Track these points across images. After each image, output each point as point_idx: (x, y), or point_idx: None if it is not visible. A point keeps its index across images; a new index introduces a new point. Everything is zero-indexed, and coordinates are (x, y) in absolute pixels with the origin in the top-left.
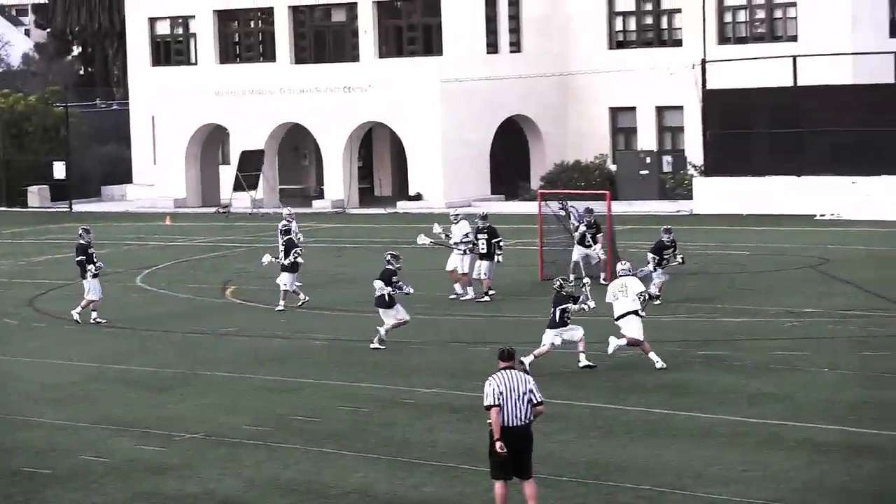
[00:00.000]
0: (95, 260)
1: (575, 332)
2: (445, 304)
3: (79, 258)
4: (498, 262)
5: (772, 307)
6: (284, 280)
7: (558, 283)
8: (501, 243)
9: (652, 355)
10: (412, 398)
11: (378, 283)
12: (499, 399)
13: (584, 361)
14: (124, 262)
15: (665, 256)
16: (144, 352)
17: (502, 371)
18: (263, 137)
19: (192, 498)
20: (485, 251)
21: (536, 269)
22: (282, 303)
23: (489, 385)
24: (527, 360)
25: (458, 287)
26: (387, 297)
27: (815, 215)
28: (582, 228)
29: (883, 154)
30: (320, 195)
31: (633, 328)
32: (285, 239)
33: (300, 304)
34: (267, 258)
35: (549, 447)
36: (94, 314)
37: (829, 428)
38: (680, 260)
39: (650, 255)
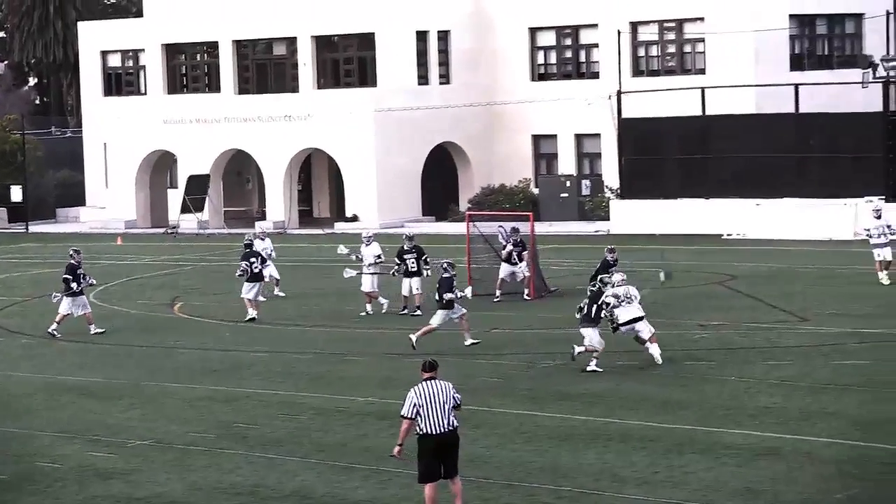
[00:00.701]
0: (87, 277)
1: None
2: (379, 319)
3: (66, 276)
4: (427, 275)
5: (683, 320)
6: (246, 290)
7: (598, 285)
8: (428, 259)
9: (654, 349)
10: (348, 406)
11: (446, 293)
12: (415, 411)
13: (592, 367)
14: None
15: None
16: (97, 364)
17: (424, 382)
18: (209, 163)
19: (140, 501)
20: (414, 269)
21: (466, 285)
22: (251, 311)
23: (409, 397)
24: (592, 366)
25: (369, 307)
26: (445, 300)
27: (722, 235)
28: (509, 247)
29: (784, 178)
30: (262, 217)
31: (646, 329)
32: (246, 252)
33: (248, 318)
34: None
35: (475, 451)
36: (91, 327)
37: (734, 432)
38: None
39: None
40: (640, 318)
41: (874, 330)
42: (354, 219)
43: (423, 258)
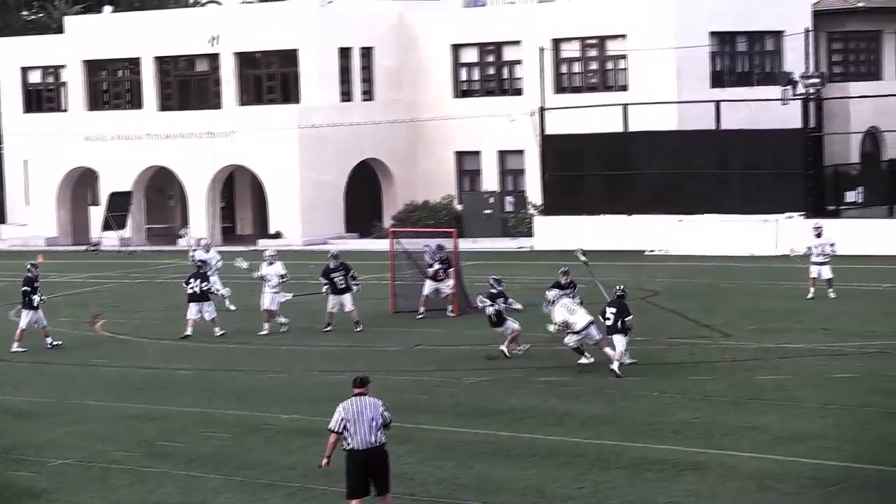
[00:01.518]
0: (40, 293)
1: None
2: (303, 335)
3: (24, 288)
4: (357, 290)
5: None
6: (197, 310)
7: (618, 290)
8: (355, 275)
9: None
10: (272, 424)
11: (487, 304)
12: (342, 426)
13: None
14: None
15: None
16: (20, 382)
17: (354, 397)
18: (131, 180)
19: None
20: (343, 286)
21: (388, 303)
22: (217, 330)
23: (337, 412)
24: (615, 366)
25: (267, 325)
26: (494, 315)
27: (645, 251)
28: (436, 266)
29: (705, 193)
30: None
31: (597, 334)
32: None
33: (183, 335)
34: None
35: (400, 468)
36: (48, 340)
37: (658, 447)
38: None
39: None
40: (592, 322)
41: (796, 345)
42: (278, 235)
43: (351, 274)
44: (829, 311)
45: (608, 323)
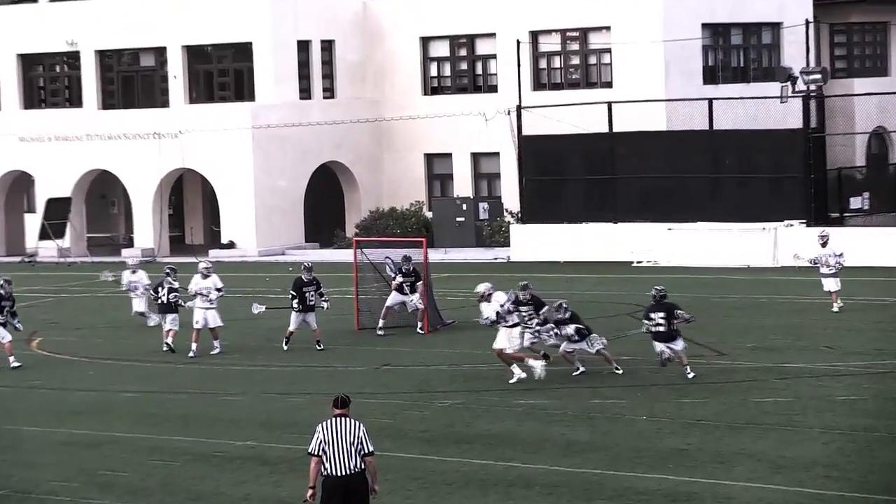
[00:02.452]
0: (12, 309)
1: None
2: (257, 354)
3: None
4: (325, 308)
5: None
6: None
7: (659, 290)
8: (323, 292)
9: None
10: (224, 451)
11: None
12: (321, 448)
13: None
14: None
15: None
16: None
17: (333, 419)
18: (70, 185)
19: None
20: (312, 303)
21: (353, 318)
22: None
23: (316, 433)
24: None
25: (216, 343)
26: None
27: (632, 262)
28: (399, 279)
29: (697, 200)
30: (129, 243)
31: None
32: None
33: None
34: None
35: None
36: (11, 358)
37: (646, 476)
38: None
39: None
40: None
41: (795, 364)
42: (231, 245)
43: (320, 290)
44: (833, 327)
45: (660, 329)
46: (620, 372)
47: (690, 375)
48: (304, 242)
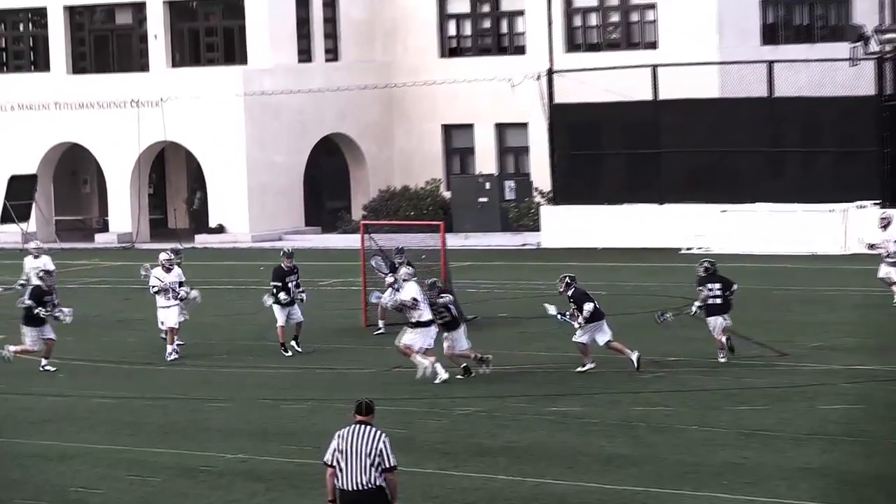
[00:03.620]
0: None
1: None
2: (248, 356)
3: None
4: (302, 301)
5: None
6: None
7: (711, 262)
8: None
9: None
10: (212, 465)
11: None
12: (335, 458)
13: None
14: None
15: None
16: None
17: (353, 426)
18: (36, 160)
19: None
20: (299, 293)
21: (359, 314)
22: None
23: (333, 440)
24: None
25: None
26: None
27: (681, 249)
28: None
29: (755, 178)
30: (104, 228)
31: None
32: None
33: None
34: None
35: None
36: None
37: (698, 494)
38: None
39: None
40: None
41: (868, 367)
42: (220, 230)
43: (298, 280)
44: None
45: (718, 302)
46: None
47: (723, 360)
48: (303, 226)
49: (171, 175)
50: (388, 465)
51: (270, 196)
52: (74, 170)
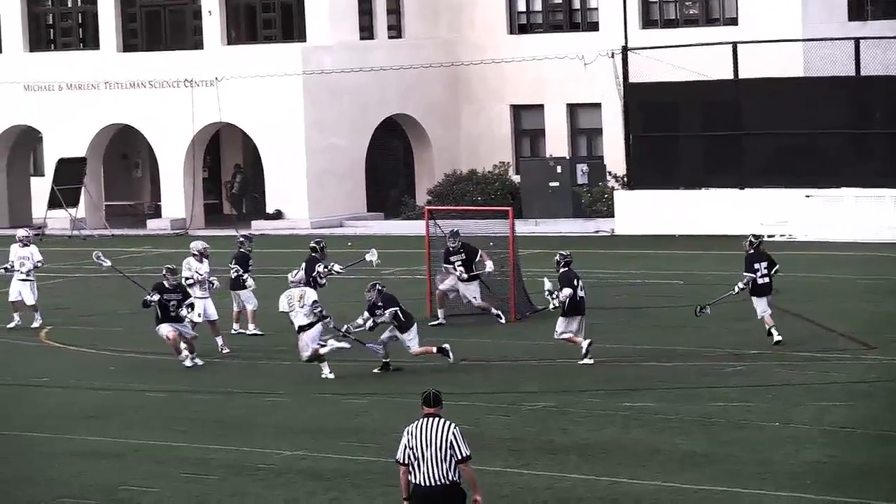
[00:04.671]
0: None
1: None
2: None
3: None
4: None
5: (711, 348)
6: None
7: (757, 237)
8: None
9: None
10: (270, 463)
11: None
12: (407, 456)
13: None
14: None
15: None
16: None
17: (423, 419)
18: (85, 143)
19: None
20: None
21: (424, 303)
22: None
23: (403, 437)
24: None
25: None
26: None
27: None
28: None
29: (842, 161)
30: (156, 213)
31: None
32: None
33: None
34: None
35: None
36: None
37: (780, 495)
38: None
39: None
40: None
41: None
42: (278, 215)
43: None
44: None
45: (765, 281)
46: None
47: (779, 338)
48: (365, 212)
49: (227, 158)
50: (461, 457)
51: (330, 180)
52: (125, 153)
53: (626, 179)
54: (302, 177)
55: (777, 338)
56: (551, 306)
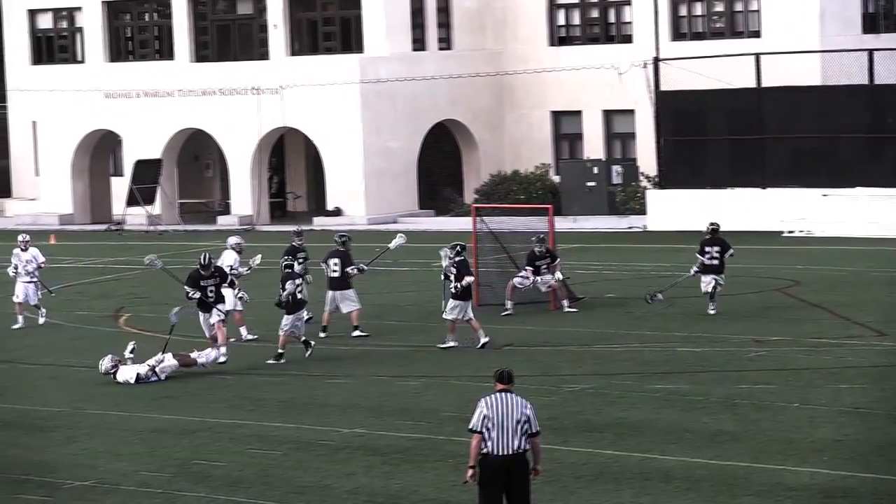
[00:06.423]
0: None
1: None
2: (365, 333)
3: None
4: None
5: (735, 335)
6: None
7: (714, 225)
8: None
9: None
10: (330, 439)
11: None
12: (484, 424)
13: None
14: (2, 286)
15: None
16: (23, 388)
17: (497, 394)
18: (160, 145)
19: None
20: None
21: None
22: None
23: (479, 408)
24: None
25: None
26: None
27: (782, 232)
28: (526, 271)
29: (856, 163)
30: (226, 210)
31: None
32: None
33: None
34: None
35: None
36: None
37: (799, 470)
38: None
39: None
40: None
41: None
42: (337, 213)
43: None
44: None
45: (714, 262)
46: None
47: (712, 312)
48: (417, 209)
49: (291, 160)
50: (534, 430)
51: (386, 180)
52: (197, 155)
53: (657, 179)
54: (359, 177)
55: (711, 311)
56: (451, 289)
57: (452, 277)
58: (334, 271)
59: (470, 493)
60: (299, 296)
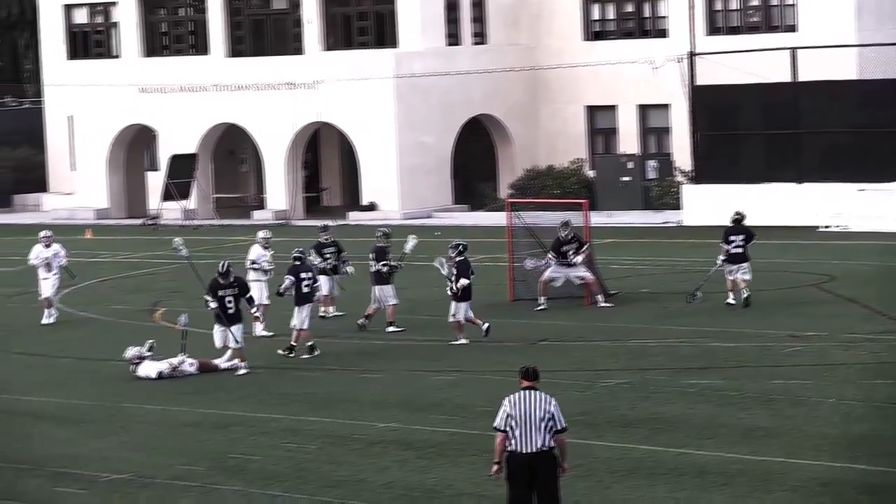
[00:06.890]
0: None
1: None
2: (405, 327)
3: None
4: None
5: (770, 330)
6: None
7: (739, 214)
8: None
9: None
10: (364, 434)
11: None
12: (507, 423)
13: None
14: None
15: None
16: (59, 381)
17: (522, 391)
18: (196, 140)
19: None
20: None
21: (506, 289)
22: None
23: (502, 406)
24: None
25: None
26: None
27: (818, 227)
28: (550, 256)
29: (892, 157)
30: (261, 205)
31: None
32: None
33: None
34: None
35: None
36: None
37: (834, 465)
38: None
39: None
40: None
41: None
42: (372, 207)
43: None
44: None
45: (738, 251)
46: None
47: (732, 302)
48: (452, 204)
49: (325, 155)
50: (560, 427)
51: (420, 175)
52: (232, 149)
53: (692, 174)
54: (394, 172)
55: (730, 301)
56: (448, 291)
57: (453, 279)
58: (372, 266)
59: (505, 488)
60: (305, 290)
